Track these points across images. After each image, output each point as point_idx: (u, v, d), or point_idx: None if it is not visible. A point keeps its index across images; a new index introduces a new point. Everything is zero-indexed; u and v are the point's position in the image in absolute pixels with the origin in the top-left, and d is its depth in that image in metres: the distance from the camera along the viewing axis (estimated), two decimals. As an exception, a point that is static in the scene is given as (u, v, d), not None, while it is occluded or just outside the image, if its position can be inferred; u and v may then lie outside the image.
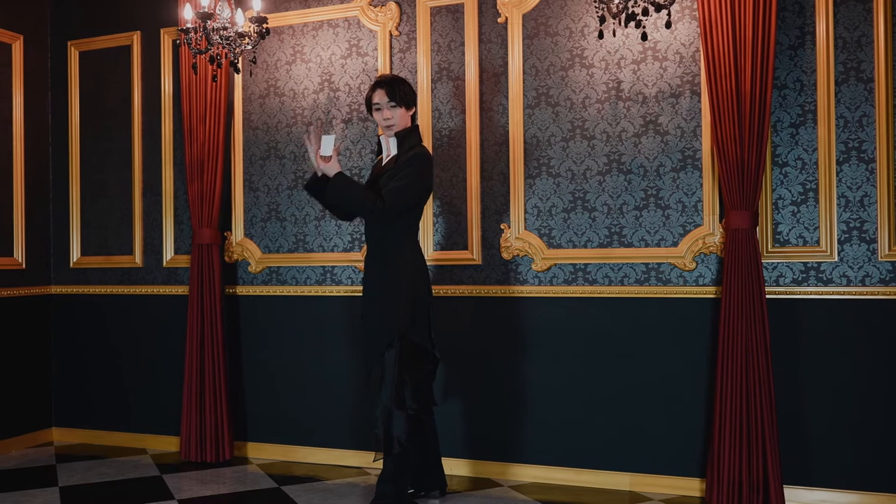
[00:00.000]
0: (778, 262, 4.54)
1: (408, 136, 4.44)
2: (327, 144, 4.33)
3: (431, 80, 5.25)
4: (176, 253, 6.01)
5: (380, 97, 4.41)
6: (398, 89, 4.40)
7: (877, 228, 4.38)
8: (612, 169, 4.84)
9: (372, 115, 4.50)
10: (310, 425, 5.63)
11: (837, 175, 4.43)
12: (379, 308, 4.38)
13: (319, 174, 4.41)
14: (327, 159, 4.34)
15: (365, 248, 5.30)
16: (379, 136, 4.60)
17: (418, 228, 4.58)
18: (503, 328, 5.13)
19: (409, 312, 4.33)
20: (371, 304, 4.44)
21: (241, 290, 5.80)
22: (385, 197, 4.25)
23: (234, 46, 4.59)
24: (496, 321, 5.14)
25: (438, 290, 5.09)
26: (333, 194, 4.35)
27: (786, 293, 4.51)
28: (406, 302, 4.32)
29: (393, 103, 4.38)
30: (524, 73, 5.04)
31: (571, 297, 4.95)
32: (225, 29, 4.53)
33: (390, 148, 4.47)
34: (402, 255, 4.38)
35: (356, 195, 4.32)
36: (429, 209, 5.17)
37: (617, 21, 3.80)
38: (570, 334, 4.97)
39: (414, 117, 4.50)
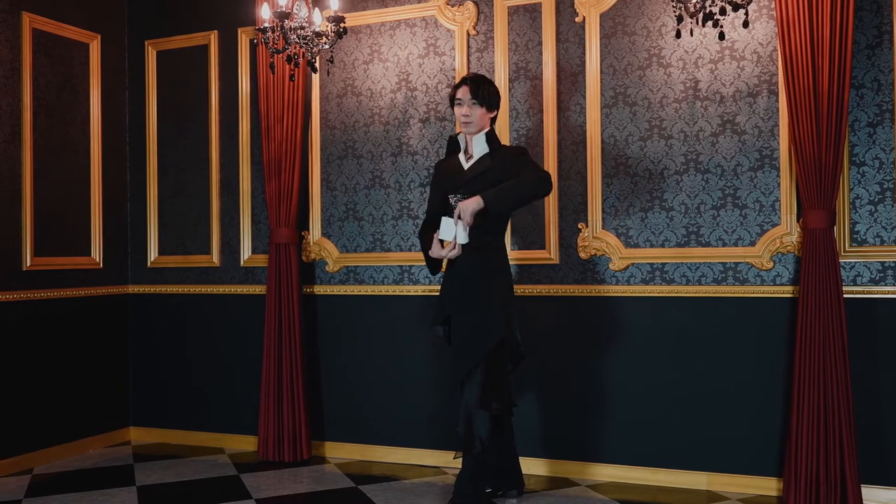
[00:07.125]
0: (855, 262, 5.03)
1: (495, 136, 4.94)
2: (447, 228, 4.75)
3: (509, 79, 5.81)
4: (253, 252, 6.63)
5: (463, 93, 4.88)
6: (482, 89, 4.87)
7: (955, 228, 4.89)
8: (689, 168, 5.37)
9: (453, 110, 4.99)
10: (387, 424, 6.18)
11: (915, 174, 4.95)
12: (478, 313, 4.79)
13: (466, 229, 4.69)
14: (465, 220, 4.66)
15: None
16: (456, 135, 5.08)
17: None
18: (580, 328, 5.65)
19: (508, 316, 4.81)
20: (469, 308, 4.83)
21: (319, 290, 6.40)
22: (540, 171, 4.72)
23: (311, 46, 5.05)
24: (573, 321, 5.66)
25: (516, 289, 5.38)
26: (503, 206, 4.69)
27: (863, 293, 5.00)
28: (508, 307, 4.84)
29: (475, 101, 4.85)
30: (601, 72, 5.58)
31: (649, 297, 5.47)
32: (302, 28, 5.00)
33: (472, 146, 4.94)
34: (500, 257, 4.90)
35: (520, 189, 4.67)
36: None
37: (694, 20, 4.27)
38: (647, 334, 5.48)
39: (493, 120, 4.97)
